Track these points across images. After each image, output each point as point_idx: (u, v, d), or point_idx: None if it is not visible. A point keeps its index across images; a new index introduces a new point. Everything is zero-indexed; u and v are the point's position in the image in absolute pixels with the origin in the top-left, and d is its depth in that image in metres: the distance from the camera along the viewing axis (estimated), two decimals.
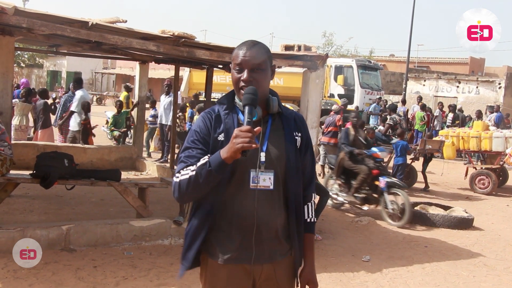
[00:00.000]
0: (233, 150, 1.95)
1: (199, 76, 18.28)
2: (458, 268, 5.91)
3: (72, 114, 10.21)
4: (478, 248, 6.84)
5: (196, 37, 6.07)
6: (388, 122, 12.99)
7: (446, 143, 11.44)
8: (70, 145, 9.99)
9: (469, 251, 6.64)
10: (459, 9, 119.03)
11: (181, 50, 6.10)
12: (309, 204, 2.34)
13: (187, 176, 2.06)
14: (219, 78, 17.41)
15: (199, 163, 2.04)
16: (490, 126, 12.97)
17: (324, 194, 6.83)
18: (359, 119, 8.77)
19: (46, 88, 13.94)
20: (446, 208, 8.49)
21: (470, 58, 40.85)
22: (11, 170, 5.81)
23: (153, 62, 10.32)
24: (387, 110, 14.57)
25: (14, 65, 9.31)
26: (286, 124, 2.24)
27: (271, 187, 2.14)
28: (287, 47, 6.74)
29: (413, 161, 11.22)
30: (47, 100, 11.13)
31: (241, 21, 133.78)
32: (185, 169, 2.09)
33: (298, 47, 6.75)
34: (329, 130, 11.65)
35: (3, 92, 6.57)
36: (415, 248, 6.63)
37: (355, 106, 17.69)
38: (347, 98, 18.35)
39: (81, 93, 10.51)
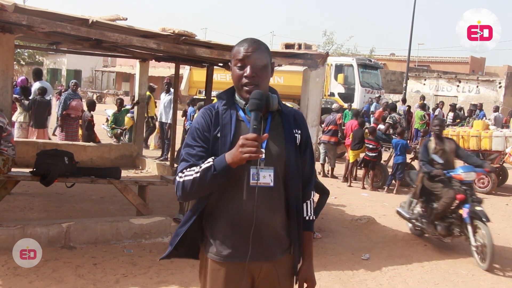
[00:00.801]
0: (239, 158, 1.96)
1: (200, 74, 18.27)
2: (457, 266, 5.92)
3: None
4: None
5: (196, 35, 6.06)
6: (388, 121, 12.99)
7: None
8: (70, 143, 10.00)
9: (468, 250, 6.64)
10: (460, 8, 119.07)
11: (181, 48, 6.10)
12: (308, 202, 2.34)
13: (191, 177, 2.06)
14: (220, 77, 17.39)
15: (204, 166, 2.04)
16: (491, 126, 12.97)
17: (324, 193, 6.84)
18: (442, 126, 7.03)
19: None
20: None
21: (470, 58, 40.85)
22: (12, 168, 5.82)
23: (153, 60, 10.33)
24: (387, 110, 14.57)
25: (14, 62, 9.29)
26: (286, 121, 2.24)
27: (271, 184, 2.14)
28: (288, 46, 6.75)
29: (412, 160, 11.22)
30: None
31: (241, 19, 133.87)
32: (188, 169, 2.10)
33: (299, 46, 6.76)
34: (329, 128, 11.67)
35: (3, 89, 6.58)
36: (415, 246, 6.63)
37: (348, 104, 17.47)
38: (347, 97, 18.36)
39: (38, 84, 10.58)
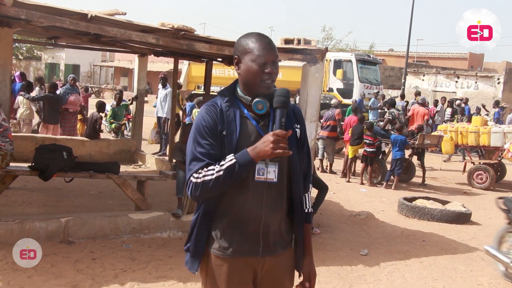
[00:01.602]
0: (269, 154, 1.98)
1: (198, 69, 18.23)
2: (456, 262, 5.94)
3: None
4: (476, 242, 6.85)
5: (195, 30, 6.04)
6: (386, 117, 12.99)
7: (444, 138, 11.46)
8: (69, 137, 9.98)
9: (466, 246, 6.67)
10: (459, 4, 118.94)
11: (180, 43, 6.08)
12: (306, 194, 2.35)
13: (213, 177, 2.04)
14: (218, 72, 17.36)
15: (227, 164, 2.03)
16: (489, 121, 13.00)
17: (322, 188, 6.85)
18: None
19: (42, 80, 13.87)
20: (444, 202, 8.52)
21: (469, 54, 40.71)
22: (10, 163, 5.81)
23: (152, 55, 10.29)
24: (386, 105, 14.56)
25: (12, 57, 9.28)
26: (287, 116, 2.23)
27: (275, 180, 2.14)
28: (287, 41, 6.71)
29: (411, 155, 11.25)
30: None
31: (240, 14, 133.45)
32: (205, 169, 2.07)
33: (298, 41, 6.73)
34: (328, 124, 11.66)
35: (2, 84, 6.56)
36: (413, 242, 6.65)
37: (353, 99, 17.58)
38: (346, 92, 18.36)
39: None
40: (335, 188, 9.68)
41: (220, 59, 8.76)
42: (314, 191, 6.58)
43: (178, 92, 12.92)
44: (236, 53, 2.20)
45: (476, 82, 25.85)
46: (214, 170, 2.05)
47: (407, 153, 11.01)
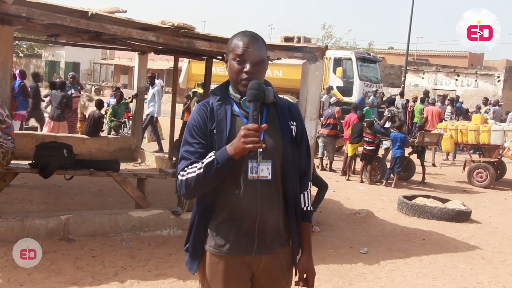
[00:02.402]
0: (241, 149, 1.96)
1: (198, 67, 18.23)
2: (456, 260, 5.94)
3: None
4: (476, 241, 6.87)
5: (195, 28, 6.04)
6: (386, 115, 12.99)
7: (444, 136, 11.47)
8: (69, 135, 9.99)
9: (466, 244, 6.67)
10: (459, 2, 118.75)
11: (180, 41, 6.08)
12: (305, 193, 2.34)
13: (194, 174, 2.07)
14: (218, 69, 17.34)
15: (206, 161, 2.05)
16: (489, 120, 13.00)
17: (322, 186, 6.85)
18: None
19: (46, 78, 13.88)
20: (444, 201, 8.52)
21: (469, 52, 40.71)
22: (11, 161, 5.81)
23: (152, 53, 10.30)
24: (385, 103, 14.57)
25: (13, 55, 9.28)
26: (281, 113, 2.24)
27: (269, 177, 2.14)
28: (287, 39, 6.72)
29: (411, 153, 11.25)
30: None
31: (240, 12, 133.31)
32: (189, 167, 2.10)
33: (298, 39, 6.74)
34: (328, 122, 11.67)
35: (2, 81, 6.55)
36: (413, 240, 6.65)
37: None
38: (346, 90, 18.35)
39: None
40: (335, 186, 9.69)
41: (220, 57, 8.77)
42: (314, 189, 6.59)
43: (200, 92, 12.87)
44: (226, 51, 2.23)
45: (476, 80, 25.84)
46: (196, 167, 2.07)
47: (407, 151, 11.01)
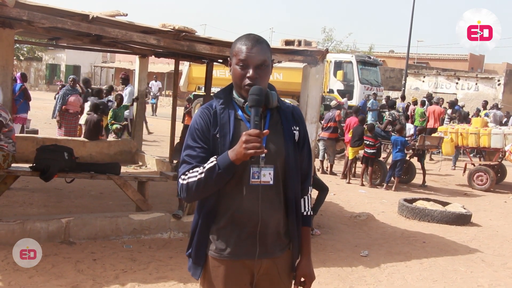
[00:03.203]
0: (242, 154, 1.96)
1: (199, 70, 18.27)
2: (456, 263, 5.94)
3: None
4: (476, 244, 6.86)
5: (196, 31, 6.06)
6: (387, 118, 12.99)
7: (445, 140, 11.47)
8: (70, 138, 9.99)
9: (466, 247, 6.67)
10: (459, 5, 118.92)
11: (181, 44, 6.09)
12: (305, 197, 2.34)
13: (195, 178, 2.06)
14: (219, 73, 17.38)
15: (208, 166, 2.04)
16: (489, 123, 13.01)
17: (323, 189, 6.85)
18: None
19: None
20: (444, 204, 8.52)
21: (469, 55, 40.77)
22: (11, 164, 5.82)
23: (153, 56, 10.31)
24: (386, 106, 14.58)
25: (14, 58, 9.30)
26: (284, 118, 2.24)
27: (271, 182, 2.14)
28: (288, 42, 6.73)
29: (411, 157, 11.25)
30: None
31: (240, 15, 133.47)
32: (191, 171, 2.10)
33: (299, 42, 6.74)
34: (328, 125, 11.67)
35: (3, 84, 6.58)
36: (413, 243, 6.65)
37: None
38: (346, 93, 18.36)
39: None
40: (336, 189, 9.69)
41: (221, 60, 8.78)
42: (314, 192, 6.59)
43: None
44: (230, 55, 2.23)
45: (476, 84, 25.86)
46: (197, 172, 2.07)
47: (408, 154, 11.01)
